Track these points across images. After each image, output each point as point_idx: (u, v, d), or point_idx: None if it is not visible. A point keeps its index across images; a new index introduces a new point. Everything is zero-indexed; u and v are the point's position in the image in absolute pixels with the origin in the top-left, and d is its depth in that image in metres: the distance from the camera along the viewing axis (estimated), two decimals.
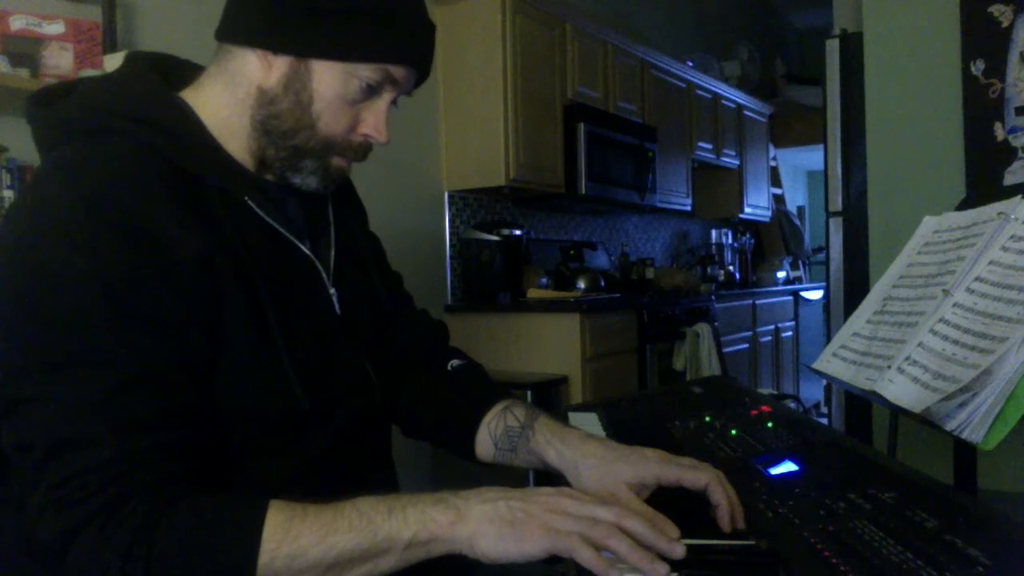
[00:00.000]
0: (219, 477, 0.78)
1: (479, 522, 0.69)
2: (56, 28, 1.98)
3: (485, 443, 0.98)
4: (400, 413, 1.07)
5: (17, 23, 1.93)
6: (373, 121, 0.88)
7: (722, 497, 0.76)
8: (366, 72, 0.84)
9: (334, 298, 0.93)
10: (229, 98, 0.87)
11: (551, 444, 0.90)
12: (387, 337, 1.05)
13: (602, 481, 0.83)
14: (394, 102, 0.90)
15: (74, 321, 0.70)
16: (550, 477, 0.90)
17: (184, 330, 0.75)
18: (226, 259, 0.79)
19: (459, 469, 3.26)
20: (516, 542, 0.68)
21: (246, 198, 0.85)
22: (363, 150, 0.90)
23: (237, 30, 0.86)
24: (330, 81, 0.84)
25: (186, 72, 0.92)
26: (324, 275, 0.92)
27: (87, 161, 0.77)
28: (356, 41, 0.83)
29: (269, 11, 0.83)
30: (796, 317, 5.19)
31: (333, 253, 0.96)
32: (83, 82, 0.87)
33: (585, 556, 0.66)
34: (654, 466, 0.81)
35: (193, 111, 0.85)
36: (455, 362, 1.07)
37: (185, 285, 0.75)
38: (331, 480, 0.89)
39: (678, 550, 0.67)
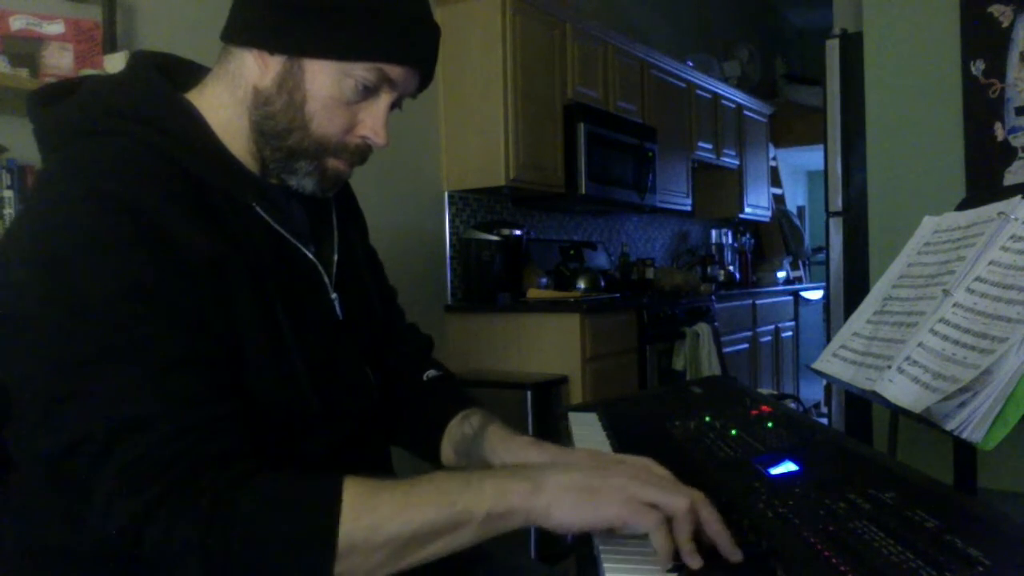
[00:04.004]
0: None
1: (556, 491, 0.69)
2: (56, 28, 1.98)
3: (447, 450, 1.01)
4: None
5: (17, 23, 1.93)
6: (371, 123, 0.87)
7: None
8: (361, 72, 0.83)
9: (336, 302, 0.93)
10: (230, 99, 0.86)
11: (496, 452, 0.93)
12: (380, 348, 1.06)
13: None
14: (398, 105, 0.89)
15: (103, 314, 0.70)
16: None
17: (206, 321, 0.75)
18: (235, 263, 0.79)
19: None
20: (593, 509, 0.69)
21: (251, 203, 0.84)
22: (361, 152, 0.90)
23: (237, 31, 0.86)
24: (324, 80, 0.83)
25: (191, 73, 0.91)
26: (326, 279, 0.92)
27: (95, 160, 0.77)
28: (349, 40, 0.82)
29: (265, 10, 0.83)
30: (796, 317, 5.19)
31: (336, 258, 0.96)
32: (87, 81, 0.86)
33: (661, 539, 0.66)
34: None
35: (199, 113, 0.85)
36: (430, 372, 1.10)
37: (200, 279, 0.75)
38: None
39: (736, 555, 0.67)
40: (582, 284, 3.55)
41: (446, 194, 3.36)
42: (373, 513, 0.68)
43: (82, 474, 0.69)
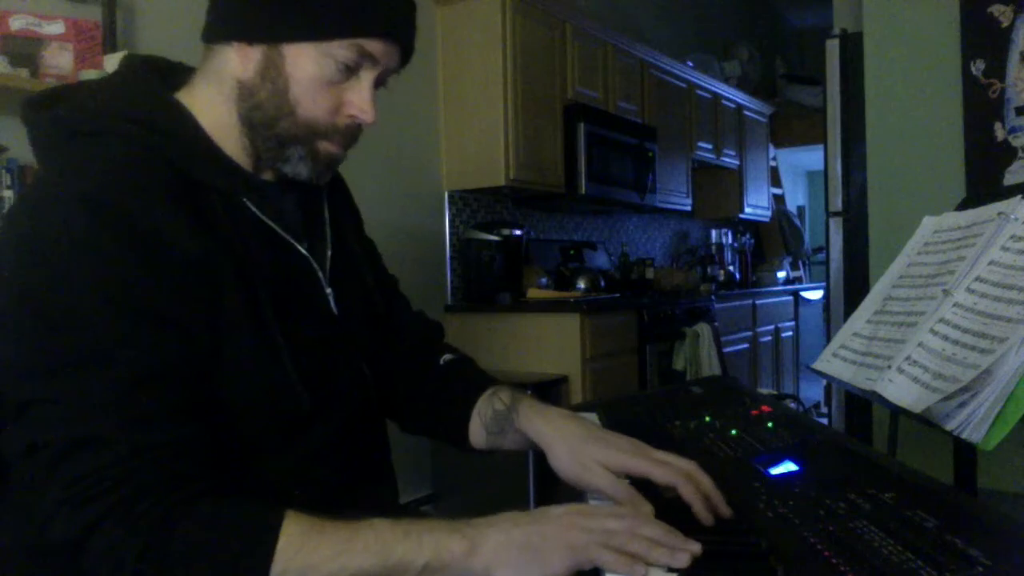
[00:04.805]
0: (224, 476, 0.78)
1: (495, 552, 0.70)
2: (56, 28, 1.98)
3: (476, 429, 1.01)
4: (396, 410, 1.09)
5: (17, 23, 1.93)
6: (357, 101, 0.87)
7: (691, 494, 0.77)
8: (340, 50, 0.83)
9: (330, 297, 0.93)
10: (217, 96, 0.87)
11: (532, 422, 0.93)
12: (384, 338, 1.06)
13: (574, 458, 0.86)
14: (384, 83, 0.90)
15: (79, 320, 0.70)
16: (548, 484, 0.91)
17: (188, 326, 0.75)
18: (225, 259, 0.79)
19: (459, 467, 3.25)
20: (538, 565, 0.69)
21: (244, 199, 0.85)
22: (351, 133, 0.90)
23: (215, 28, 0.87)
24: (304, 64, 0.83)
25: (181, 75, 0.92)
26: (320, 275, 0.93)
27: (86, 162, 0.77)
28: (324, 19, 0.82)
29: (240, 3, 0.84)
30: (796, 317, 5.19)
31: (329, 253, 0.96)
32: (80, 85, 0.87)
33: (608, 559, 0.67)
34: (624, 456, 0.84)
35: (189, 112, 0.86)
36: (447, 356, 1.09)
37: (186, 283, 0.75)
38: (329, 479, 0.90)
39: (694, 547, 0.68)
40: (582, 284, 3.55)
41: (446, 194, 3.36)
42: (309, 556, 0.68)
43: (36, 478, 0.70)
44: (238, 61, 0.85)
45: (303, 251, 0.90)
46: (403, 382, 1.07)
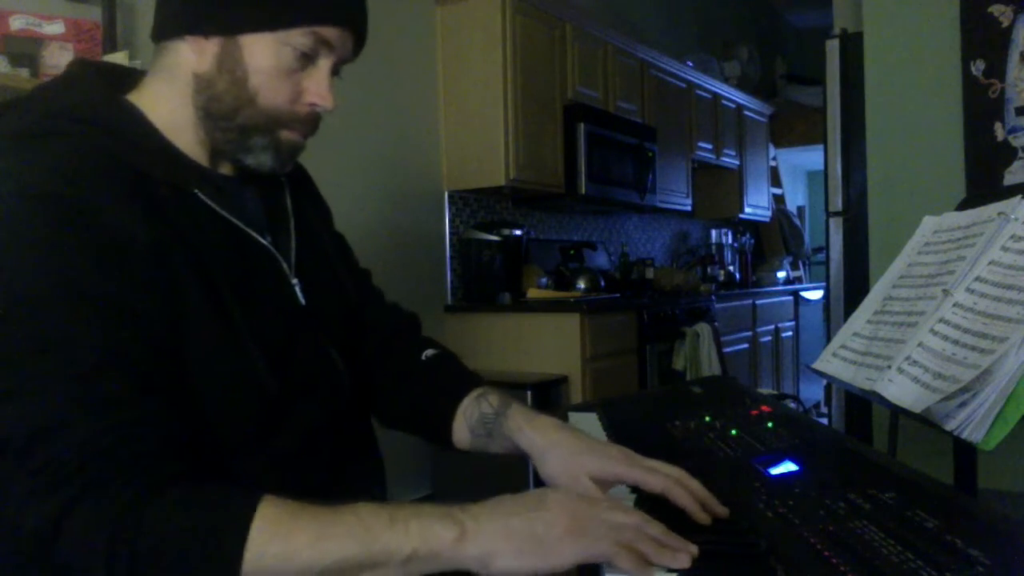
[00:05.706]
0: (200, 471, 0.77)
1: (493, 540, 0.67)
2: (56, 28, 1.98)
3: (461, 430, 1.00)
4: (376, 405, 1.08)
5: (17, 23, 1.93)
6: (315, 88, 0.87)
7: (682, 497, 0.76)
8: (297, 38, 0.84)
9: (296, 288, 0.93)
10: (170, 92, 0.87)
11: (522, 430, 0.93)
12: (358, 330, 1.05)
13: (566, 470, 0.86)
14: (337, 72, 0.90)
15: (33, 312, 0.70)
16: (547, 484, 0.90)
17: (144, 313, 0.74)
18: (180, 251, 0.79)
19: (458, 467, 3.25)
20: (543, 556, 0.66)
21: (196, 191, 0.85)
22: (312, 121, 0.90)
23: (167, 25, 0.87)
24: (262, 53, 0.84)
25: (133, 78, 0.92)
26: (285, 266, 0.93)
27: (34, 162, 0.77)
28: (280, 8, 0.83)
29: None
30: (796, 317, 5.19)
31: (294, 244, 0.96)
32: (29, 93, 0.87)
33: (624, 558, 0.66)
34: (616, 465, 0.83)
35: (139, 110, 0.86)
36: (429, 352, 1.08)
37: (141, 271, 0.75)
38: (312, 472, 0.89)
39: (692, 549, 0.67)
40: (582, 284, 3.55)
41: (446, 194, 3.36)
42: (286, 541, 0.65)
43: (4, 474, 0.69)
44: (193, 55, 0.85)
45: (264, 242, 0.90)
46: (382, 375, 1.07)
